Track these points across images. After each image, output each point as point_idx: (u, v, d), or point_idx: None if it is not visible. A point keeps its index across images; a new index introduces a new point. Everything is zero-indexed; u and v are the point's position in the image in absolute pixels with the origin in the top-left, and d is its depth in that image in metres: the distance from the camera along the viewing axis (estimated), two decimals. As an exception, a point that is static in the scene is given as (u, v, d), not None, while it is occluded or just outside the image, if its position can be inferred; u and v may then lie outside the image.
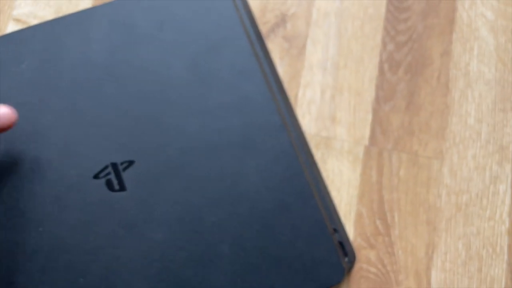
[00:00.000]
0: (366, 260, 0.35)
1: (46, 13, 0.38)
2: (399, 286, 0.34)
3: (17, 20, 0.38)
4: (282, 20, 0.39)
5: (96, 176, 0.32)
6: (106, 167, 0.32)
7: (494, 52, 0.39)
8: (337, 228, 0.33)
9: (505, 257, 0.35)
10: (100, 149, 0.33)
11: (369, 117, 0.37)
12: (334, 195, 0.36)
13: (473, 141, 0.37)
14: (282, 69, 0.38)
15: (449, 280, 0.35)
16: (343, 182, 0.36)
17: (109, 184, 0.32)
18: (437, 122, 0.38)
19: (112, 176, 0.32)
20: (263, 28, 0.39)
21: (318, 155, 0.36)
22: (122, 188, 0.32)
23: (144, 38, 0.35)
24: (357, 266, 0.34)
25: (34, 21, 0.38)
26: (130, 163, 0.32)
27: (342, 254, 0.33)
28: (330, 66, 0.38)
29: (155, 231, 0.31)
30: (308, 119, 0.37)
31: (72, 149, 0.32)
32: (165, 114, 0.33)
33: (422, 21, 0.40)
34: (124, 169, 0.32)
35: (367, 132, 0.37)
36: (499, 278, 0.35)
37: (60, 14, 0.38)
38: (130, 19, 0.35)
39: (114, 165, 0.32)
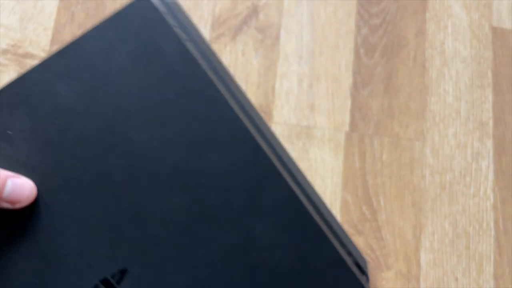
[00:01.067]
0: (355, 246, 0.35)
1: (11, 21, 0.37)
2: (389, 269, 0.34)
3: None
4: (254, 11, 0.38)
5: None
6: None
7: (468, 29, 0.39)
8: (348, 249, 0.31)
9: (492, 232, 0.35)
10: (80, 269, 0.27)
11: (348, 103, 0.37)
12: (318, 184, 0.36)
13: (453, 119, 0.37)
14: (257, 61, 0.38)
15: (438, 260, 0.35)
16: (326, 170, 0.36)
17: None
18: (416, 103, 0.37)
19: None
20: (235, 21, 0.38)
21: (299, 145, 0.36)
22: None
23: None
24: (346, 253, 0.34)
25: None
26: (123, 272, 0.27)
27: (360, 273, 0.30)
28: (305, 55, 0.38)
29: None
30: (287, 110, 0.37)
31: (45, 281, 0.27)
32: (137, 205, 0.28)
33: (395, 2, 0.39)
34: (118, 281, 0.27)
35: (347, 118, 0.37)
36: (488, 253, 0.35)
37: (25, 21, 0.37)
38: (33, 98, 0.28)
39: (105, 282, 0.27)
